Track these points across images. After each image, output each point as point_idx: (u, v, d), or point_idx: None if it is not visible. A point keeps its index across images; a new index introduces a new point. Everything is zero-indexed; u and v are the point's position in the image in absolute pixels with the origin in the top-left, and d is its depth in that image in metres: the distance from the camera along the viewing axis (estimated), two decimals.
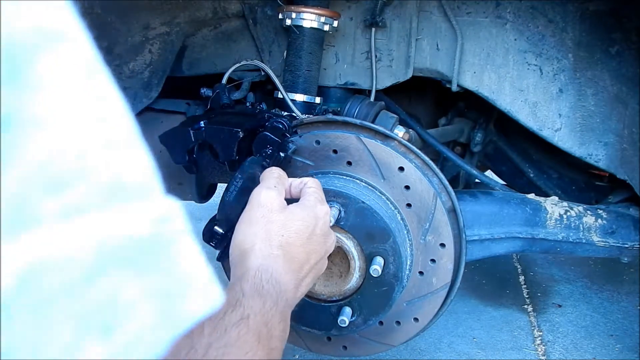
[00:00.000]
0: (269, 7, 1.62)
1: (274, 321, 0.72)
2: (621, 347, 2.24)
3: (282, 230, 0.86)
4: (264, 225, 0.85)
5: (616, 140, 1.58)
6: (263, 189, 0.92)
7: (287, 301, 0.79)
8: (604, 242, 1.64)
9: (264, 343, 0.68)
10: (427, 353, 2.18)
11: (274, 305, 0.74)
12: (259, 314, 0.70)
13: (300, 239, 0.87)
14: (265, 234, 0.84)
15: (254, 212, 0.87)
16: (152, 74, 1.60)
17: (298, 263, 0.86)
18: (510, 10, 1.57)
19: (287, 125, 1.31)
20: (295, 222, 0.88)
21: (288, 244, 0.85)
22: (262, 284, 0.77)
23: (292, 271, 0.84)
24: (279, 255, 0.83)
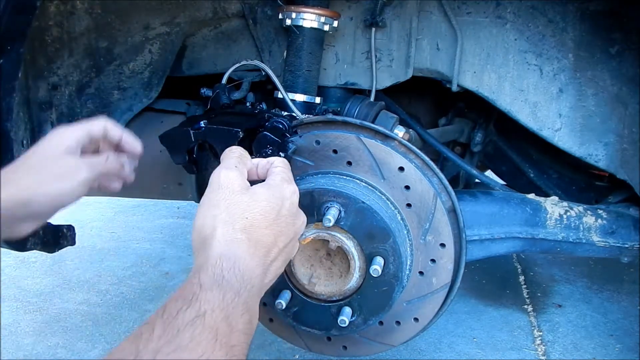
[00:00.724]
0: (269, 7, 1.62)
1: (236, 314, 0.67)
2: (621, 347, 2.24)
3: (245, 213, 0.79)
4: (225, 208, 0.79)
5: (616, 140, 1.58)
6: (222, 169, 0.85)
7: (253, 289, 0.75)
8: (604, 242, 1.64)
9: (223, 341, 0.63)
10: (427, 353, 2.18)
11: (235, 296, 0.69)
12: (218, 308, 0.65)
13: (266, 220, 0.81)
14: (227, 217, 0.78)
15: (214, 195, 0.81)
16: (152, 74, 1.60)
17: (265, 247, 0.80)
18: (511, 10, 1.57)
19: (287, 125, 1.31)
20: (260, 203, 0.82)
21: (252, 226, 0.79)
22: (223, 274, 0.71)
23: (258, 256, 0.78)
24: (243, 239, 0.77)
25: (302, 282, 1.26)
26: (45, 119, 1.46)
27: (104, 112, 1.58)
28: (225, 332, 0.64)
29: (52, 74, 1.45)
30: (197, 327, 0.61)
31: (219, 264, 0.72)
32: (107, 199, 3.57)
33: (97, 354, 2.21)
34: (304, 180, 1.28)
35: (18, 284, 2.79)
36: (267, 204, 0.83)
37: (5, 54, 1.11)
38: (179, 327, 0.61)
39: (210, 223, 0.77)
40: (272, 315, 1.42)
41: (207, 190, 0.83)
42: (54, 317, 2.48)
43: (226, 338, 0.63)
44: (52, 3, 1.40)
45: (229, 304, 0.67)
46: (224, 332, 0.64)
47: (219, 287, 0.68)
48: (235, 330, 0.66)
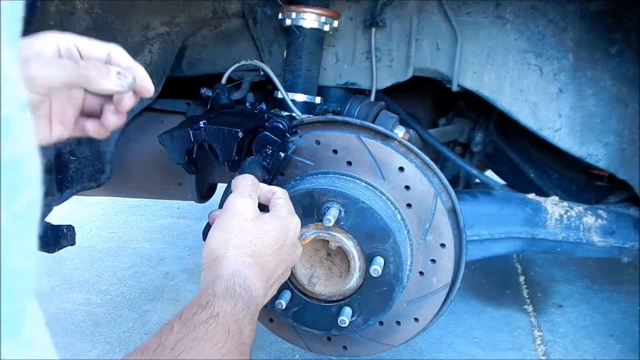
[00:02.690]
0: (269, 7, 1.62)
1: (245, 321, 0.77)
2: (621, 347, 2.24)
3: (255, 240, 0.89)
4: (237, 233, 0.88)
5: (616, 140, 1.58)
6: (238, 196, 0.94)
7: (257, 307, 0.84)
8: (604, 242, 1.64)
9: (235, 337, 0.72)
10: (427, 353, 2.18)
11: (245, 307, 0.78)
12: (230, 313, 0.75)
13: (272, 249, 0.90)
14: (239, 242, 0.87)
15: (229, 220, 0.89)
16: (152, 74, 1.59)
17: (268, 272, 0.90)
18: (511, 10, 1.57)
19: (287, 125, 1.31)
20: (268, 233, 0.91)
21: (260, 253, 0.88)
22: (235, 288, 0.80)
23: (262, 279, 0.87)
24: (251, 263, 0.86)
25: (302, 282, 1.26)
26: None
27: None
28: (236, 331, 0.73)
29: None
30: (211, 324, 0.71)
31: (232, 279, 0.81)
32: (107, 199, 3.57)
33: (97, 354, 2.21)
34: (304, 180, 1.28)
35: None
36: (274, 234, 0.91)
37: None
38: (195, 324, 0.70)
39: (223, 246, 0.86)
40: (272, 315, 1.42)
41: (222, 214, 0.91)
42: (54, 317, 2.48)
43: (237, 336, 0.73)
44: (52, 3, 1.40)
45: (239, 311, 0.76)
46: (235, 331, 0.73)
47: (232, 297, 0.78)
48: (244, 334, 0.75)
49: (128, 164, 1.69)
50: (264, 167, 1.25)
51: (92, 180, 1.60)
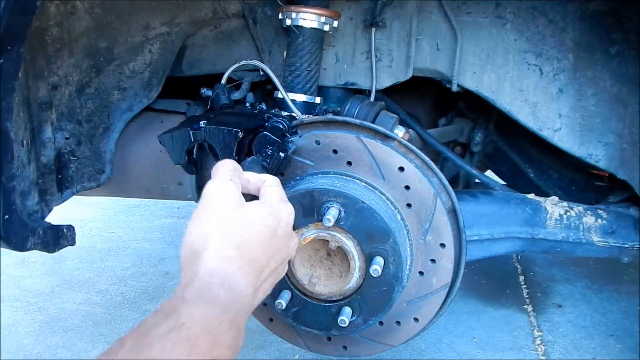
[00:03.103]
0: (269, 7, 1.62)
1: (222, 329, 0.65)
2: (621, 347, 2.24)
3: (240, 230, 0.76)
4: (218, 223, 0.75)
5: (616, 140, 1.58)
6: (217, 182, 0.81)
7: (243, 307, 0.72)
8: (604, 242, 1.64)
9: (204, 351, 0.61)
10: (427, 353, 2.18)
11: (223, 312, 0.66)
12: (200, 322, 0.63)
13: (261, 239, 0.78)
14: (220, 234, 0.74)
15: (207, 209, 0.77)
16: (152, 74, 1.60)
17: (258, 266, 0.77)
18: (510, 10, 1.57)
19: (287, 126, 1.31)
20: (256, 222, 0.78)
21: (247, 244, 0.76)
22: (211, 288, 0.68)
23: (250, 275, 0.75)
24: (236, 257, 0.74)
25: (302, 282, 1.26)
26: (45, 119, 1.45)
27: (104, 112, 1.58)
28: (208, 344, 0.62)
29: (52, 74, 1.45)
30: (170, 339, 0.59)
31: (208, 280, 0.69)
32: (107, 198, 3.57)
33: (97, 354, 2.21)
34: (304, 180, 1.28)
35: (18, 284, 2.79)
36: (264, 223, 0.79)
37: (5, 54, 1.11)
38: (151, 340, 0.59)
39: (202, 239, 0.74)
40: (272, 315, 1.42)
41: (199, 204, 0.79)
42: (54, 317, 2.48)
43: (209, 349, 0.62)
44: (52, 3, 1.40)
45: (214, 318, 0.65)
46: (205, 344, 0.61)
47: (205, 301, 0.66)
48: (220, 346, 0.64)
49: (128, 164, 1.69)
50: (264, 167, 1.25)
51: (92, 180, 1.60)
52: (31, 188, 1.34)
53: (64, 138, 1.53)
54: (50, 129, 1.47)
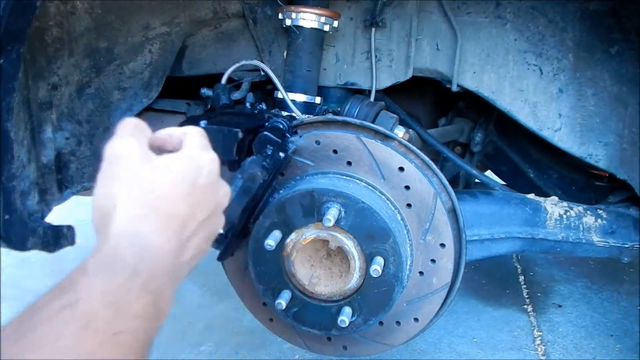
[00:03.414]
0: (269, 7, 1.62)
1: (129, 297, 0.58)
2: (621, 347, 2.24)
3: (151, 184, 0.68)
4: (126, 181, 0.67)
5: (616, 140, 1.58)
6: (117, 138, 0.72)
7: (163, 266, 0.64)
8: (604, 242, 1.64)
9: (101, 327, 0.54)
10: (427, 353, 2.18)
11: (130, 277, 0.59)
12: (100, 294, 0.56)
13: (179, 191, 0.70)
14: (129, 191, 0.67)
15: (111, 168, 0.69)
16: (152, 74, 1.60)
17: (179, 220, 0.69)
18: (510, 10, 1.57)
19: (287, 126, 1.31)
20: (170, 173, 0.70)
21: (161, 199, 0.68)
22: (117, 253, 0.61)
23: (170, 230, 0.68)
24: (148, 214, 0.66)
25: (303, 282, 1.26)
26: (45, 119, 1.46)
27: (104, 112, 1.58)
28: (105, 320, 0.55)
29: (52, 74, 1.45)
30: (62, 318, 0.53)
31: (115, 244, 0.62)
32: None
33: None
34: (304, 180, 1.28)
35: (18, 284, 2.79)
36: (180, 173, 0.71)
37: (5, 54, 1.11)
38: (37, 322, 0.53)
39: (110, 200, 0.66)
40: (272, 315, 1.42)
41: (102, 165, 0.70)
42: None
43: (106, 324, 0.55)
44: (52, 3, 1.40)
45: (118, 287, 0.58)
46: (101, 321, 0.54)
47: (108, 270, 0.59)
48: (125, 317, 0.57)
49: None
50: (264, 167, 1.25)
51: (93, 180, 1.59)
52: (31, 188, 1.34)
53: (64, 138, 1.53)
54: (50, 129, 1.47)
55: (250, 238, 1.28)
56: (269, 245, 1.20)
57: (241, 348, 2.20)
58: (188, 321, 2.36)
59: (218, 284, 2.69)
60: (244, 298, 1.45)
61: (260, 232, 1.25)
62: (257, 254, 1.27)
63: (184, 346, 2.19)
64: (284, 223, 1.23)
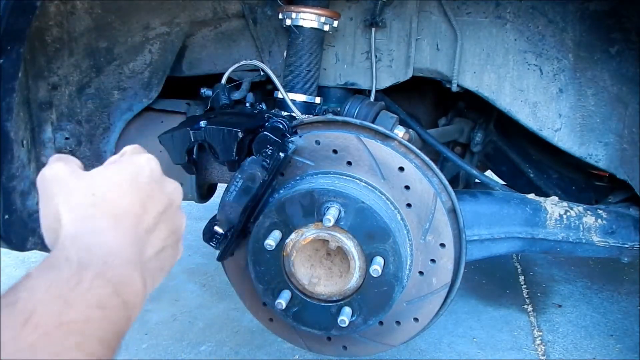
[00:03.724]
0: (269, 7, 1.62)
1: (80, 289, 0.56)
2: (621, 347, 2.24)
3: (90, 188, 0.68)
4: (63, 193, 0.67)
5: (616, 140, 1.58)
6: (46, 167, 0.72)
7: (121, 258, 0.64)
8: (604, 242, 1.64)
9: (43, 321, 0.52)
10: (427, 353, 2.18)
11: (78, 270, 0.58)
12: (42, 291, 0.55)
13: (120, 189, 0.70)
14: (68, 200, 0.66)
15: (47, 190, 0.68)
16: (152, 74, 1.60)
17: (131, 216, 0.69)
18: (510, 10, 1.57)
19: (287, 126, 1.31)
20: (107, 176, 0.70)
21: (105, 200, 0.68)
22: (60, 255, 0.60)
23: (123, 226, 0.67)
24: (93, 214, 0.66)
25: (303, 282, 1.26)
26: (45, 119, 1.46)
27: (104, 112, 1.58)
28: (52, 311, 0.54)
29: (52, 74, 1.45)
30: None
31: (60, 247, 0.61)
32: None
33: None
34: (304, 180, 1.28)
35: None
36: (116, 174, 0.71)
37: (5, 54, 1.11)
38: None
39: (54, 216, 0.66)
40: (272, 315, 1.42)
41: (39, 194, 0.70)
42: None
43: (51, 317, 0.53)
44: (52, 3, 1.40)
45: (65, 280, 0.56)
46: (48, 312, 0.53)
47: (51, 269, 0.58)
48: (79, 305, 0.56)
49: None
50: (264, 167, 1.25)
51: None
52: (31, 188, 1.34)
53: (64, 138, 1.53)
54: (50, 129, 1.47)
55: (250, 238, 1.28)
56: (269, 245, 1.20)
57: (241, 348, 2.20)
58: (188, 321, 2.36)
59: (218, 284, 2.69)
60: (244, 298, 1.45)
61: (260, 232, 1.25)
62: (257, 254, 1.27)
63: (183, 346, 2.19)
64: (284, 223, 1.23)
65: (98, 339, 0.55)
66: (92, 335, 0.55)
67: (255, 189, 1.27)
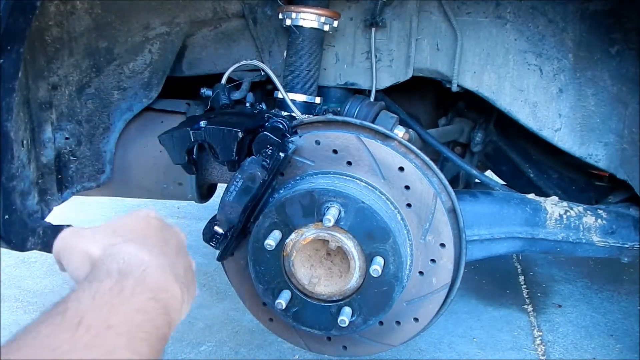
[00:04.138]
0: (269, 7, 1.62)
1: (123, 296, 0.62)
2: (621, 347, 2.24)
3: (110, 228, 0.75)
4: (87, 240, 0.72)
5: (616, 140, 1.58)
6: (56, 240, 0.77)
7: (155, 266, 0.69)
8: (604, 242, 1.64)
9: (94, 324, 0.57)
10: (427, 353, 2.18)
11: (120, 279, 0.63)
12: (88, 299, 0.60)
13: (138, 223, 0.77)
14: (94, 240, 0.72)
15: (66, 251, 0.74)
16: (152, 74, 1.60)
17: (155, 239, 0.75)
18: (510, 10, 1.57)
19: (287, 126, 1.31)
20: (120, 219, 0.77)
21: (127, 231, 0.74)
22: (101, 269, 0.66)
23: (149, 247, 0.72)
24: (121, 240, 0.71)
25: (303, 282, 1.26)
26: (45, 119, 1.46)
27: (104, 112, 1.58)
28: (100, 315, 0.59)
29: (52, 74, 1.45)
30: (53, 322, 0.56)
31: (97, 265, 0.68)
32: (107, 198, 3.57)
33: None
34: (304, 180, 1.28)
35: (18, 284, 2.79)
36: (128, 217, 0.79)
37: (5, 54, 1.11)
38: (29, 331, 0.55)
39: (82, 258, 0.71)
40: (272, 315, 1.42)
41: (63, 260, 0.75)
42: None
43: (100, 321, 0.58)
44: (52, 3, 1.40)
45: (109, 289, 0.62)
46: (96, 316, 0.58)
47: (94, 281, 0.63)
48: (123, 310, 0.61)
49: (128, 164, 1.69)
50: (264, 167, 1.25)
51: (92, 180, 1.60)
52: (31, 188, 1.34)
53: (64, 138, 1.53)
54: (50, 129, 1.47)
55: (250, 238, 1.28)
56: (269, 245, 1.20)
57: (241, 348, 2.20)
58: (188, 321, 2.36)
59: (218, 284, 2.69)
60: (244, 298, 1.45)
61: (260, 232, 1.25)
62: (257, 254, 1.27)
63: (183, 346, 2.19)
64: (284, 223, 1.23)
65: (143, 340, 0.60)
66: (137, 337, 0.59)
67: (255, 189, 1.27)
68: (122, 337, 0.58)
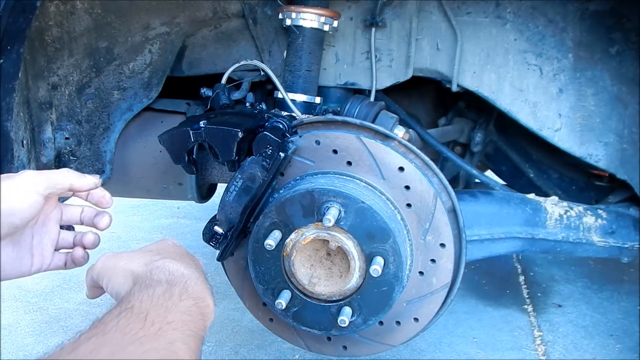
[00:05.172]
0: (269, 7, 1.62)
1: (173, 301, 0.75)
2: (621, 347, 2.24)
3: (145, 250, 0.91)
4: (125, 260, 0.86)
5: (616, 140, 1.58)
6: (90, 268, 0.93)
7: (193, 279, 0.83)
8: (604, 242, 1.64)
9: (157, 319, 0.69)
10: (427, 353, 2.18)
11: (168, 287, 0.77)
12: (147, 300, 0.73)
13: (169, 247, 0.94)
14: (133, 260, 0.86)
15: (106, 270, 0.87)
16: (152, 74, 1.60)
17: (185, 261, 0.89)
18: (510, 10, 1.57)
19: (287, 126, 1.31)
20: (151, 245, 0.94)
21: (162, 251, 0.90)
22: (153, 277, 0.79)
23: (186, 263, 0.87)
24: (160, 257, 0.87)
25: (303, 282, 1.26)
26: (45, 119, 1.46)
27: (104, 112, 1.59)
28: (159, 314, 0.71)
29: (52, 74, 1.45)
30: (122, 317, 0.68)
31: (146, 275, 0.81)
32: None
33: None
34: (304, 180, 1.28)
35: (18, 284, 2.79)
36: (157, 243, 0.96)
37: (5, 54, 1.11)
38: (105, 321, 0.67)
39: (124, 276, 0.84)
40: (272, 315, 1.42)
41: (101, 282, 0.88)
42: (54, 317, 2.48)
43: (160, 317, 0.70)
44: (52, 3, 1.40)
45: (161, 294, 0.75)
46: (157, 314, 0.70)
47: (148, 287, 0.77)
48: (175, 311, 0.73)
49: (128, 164, 1.69)
50: (264, 167, 1.25)
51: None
52: None
53: (64, 138, 1.53)
54: (50, 129, 1.48)
55: (250, 238, 1.28)
56: (269, 245, 1.20)
57: (241, 348, 2.20)
58: None
59: (218, 284, 2.69)
60: (244, 298, 1.45)
61: (260, 232, 1.25)
62: (257, 254, 1.27)
63: None
64: (284, 223, 1.23)
65: (191, 337, 0.71)
66: (188, 333, 0.71)
67: (255, 189, 1.27)
68: (177, 332, 0.69)
